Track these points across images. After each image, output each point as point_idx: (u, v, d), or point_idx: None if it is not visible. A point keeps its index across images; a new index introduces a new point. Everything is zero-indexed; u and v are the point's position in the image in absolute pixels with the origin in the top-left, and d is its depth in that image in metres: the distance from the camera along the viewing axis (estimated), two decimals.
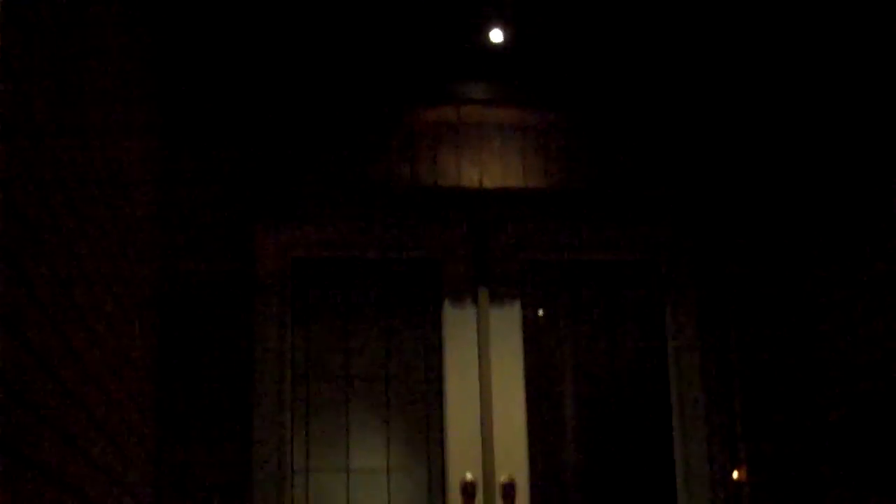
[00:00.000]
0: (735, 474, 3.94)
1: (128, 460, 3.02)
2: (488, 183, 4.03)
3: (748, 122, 4.11)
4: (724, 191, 4.09)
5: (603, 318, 4.19)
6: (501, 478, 3.92)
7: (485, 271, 4.11)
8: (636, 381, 4.14)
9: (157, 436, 3.61)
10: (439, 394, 4.02)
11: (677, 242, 4.21)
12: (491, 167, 4.04)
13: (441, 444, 3.98)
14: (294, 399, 3.96)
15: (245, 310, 3.82)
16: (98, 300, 2.55)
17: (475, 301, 4.09)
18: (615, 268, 4.23)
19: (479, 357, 4.03)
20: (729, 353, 4.02)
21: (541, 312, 4.18)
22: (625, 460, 4.05)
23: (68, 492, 2.21)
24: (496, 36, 3.97)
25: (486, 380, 4.01)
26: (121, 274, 2.89)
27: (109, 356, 2.70)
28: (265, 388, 3.90)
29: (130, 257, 3.06)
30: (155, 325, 3.61)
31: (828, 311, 3.84)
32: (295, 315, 4.02)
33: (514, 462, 3.95)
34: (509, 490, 3.90)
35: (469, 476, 3.90)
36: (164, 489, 3.61)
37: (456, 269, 4.11)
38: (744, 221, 4.06)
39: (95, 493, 2.52)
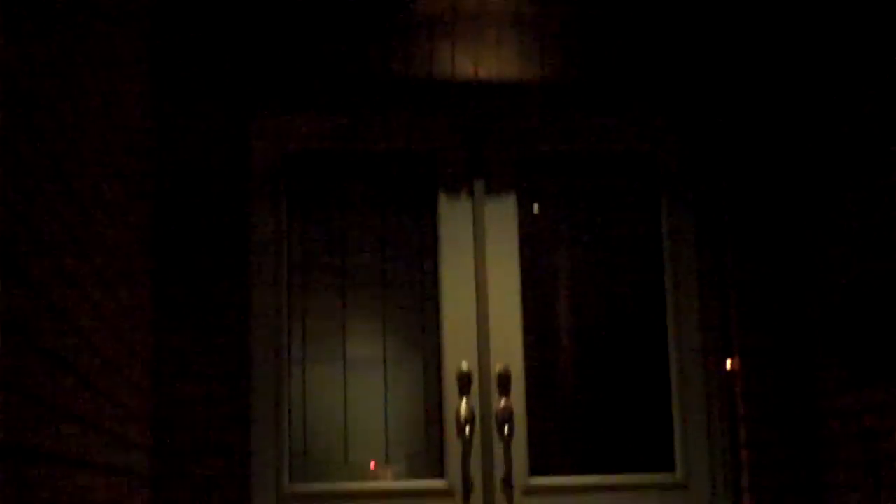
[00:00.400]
0: (728, 364, 3.98)
1: (126, 348, 3.04)
2: (484, 74, 3.99)
3: (749, 12, 4.06)
4: (723, 82, 4.06)
5: (599, 210, 4.19)
6: (497, 368, 3.96)
7: (480, 164, 4.10)
8: (632, 272, 4.16)
9: (155, 325, 3.64)
10: (435, 285, 4.04)
11: (675, 135, 4.19)
12: (486, 59, 4.00)
13: (437, 334, 4.01)
14: (290, 291, 3.98)
15: (241, 201, 3.82)
16: (96, 189, 2.54)
17: (471, 193, 4.08)
18: (612, 160, 4.22)
19: (475, 249, 4.04)
20: (724, 243, 4.04)
21: (536, 207, 4.17)
22: (619, 350, 4.09)
23: (67, 370, 2.23)
24: None
25: (482, 271, 4.03)
26: (117, 164, 2.87)
27: (107, 243, 2.70)
28: (261, 280, 3.92)
29: (126, 147, 3.04)
30: (151, 216, 3.61)
31: (823, 202, 3.84)
32: (290, 207, 4.02)
33: (509, 352, 3.99)
34: (504, 380, 3.94)
35: (465, 366, 3.93)
36: (163, 378, 3.65)
37: (451, 161, 4.10)
38: (742, 113, 4.04)
39: (93, 376, 2.55)
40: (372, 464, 3.93)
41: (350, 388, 3.97)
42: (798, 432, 3.88)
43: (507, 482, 3.90)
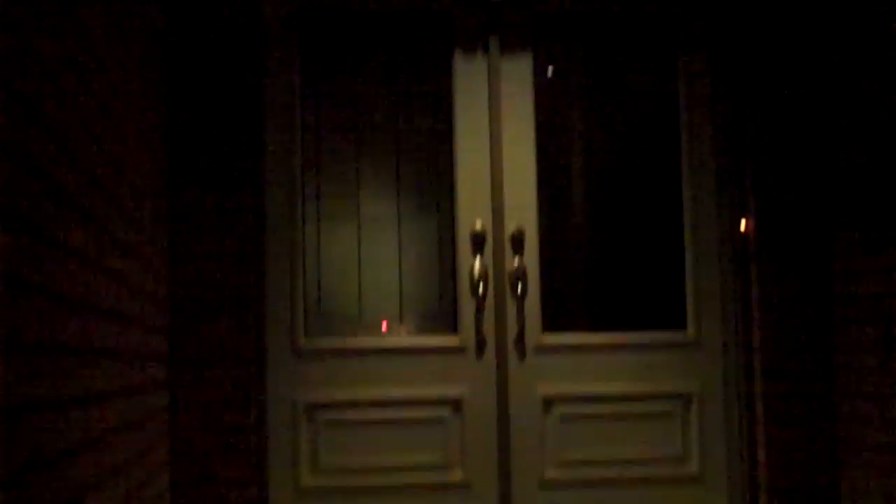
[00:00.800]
0: (742, 225, 3.97)
1: (143, 201, 3.04)
2: None
3: None
4: None
5: (615, 70, 4.13)
6: (511, 228, 3.96)
7: (496, 22, 4.03)
8: (647, 132, 4.12)
9: (170, 182, 3.63)
10: (450, 144, 4.01)
11: None
12: None
13: (451, 194, 4.00)
14: (304, 150, 3.96)
15: (255, 58, 3.77)
16: (108, 41, 2.51)
17: (486, 52, 4.02)
18: (629, 20, 4.14)
19: (490, 108, 4.00)
20: (741, 105, 3.98)
21: (551, 71, 4.11)
22: (633, 210, 4.08)
23: (82, 216, 2.24)
24: None
25: (497, 131, 3.99)
26: (129, 16, 2.83)
27: (121, 96, 2.68)
28: (275, 138, 3.90)
29: None
30: (164, 72, 3.57)
31: (845, 65, 3.78)
32: (304, 65, 3.97)
33: (523, 213, 3.98)
34: (518, 239, 3.94)
35: (478, 225, 3.94)
36: (179, 235, 3.66)
37: (467, 19, 4.03)
38: None
39: (111, 225, 2.55)
40: (384, 325, 3.96)
41: (364, 247, 3.98)
42: (812, 293, 3.89)
43: (520, 339, 3.94)
